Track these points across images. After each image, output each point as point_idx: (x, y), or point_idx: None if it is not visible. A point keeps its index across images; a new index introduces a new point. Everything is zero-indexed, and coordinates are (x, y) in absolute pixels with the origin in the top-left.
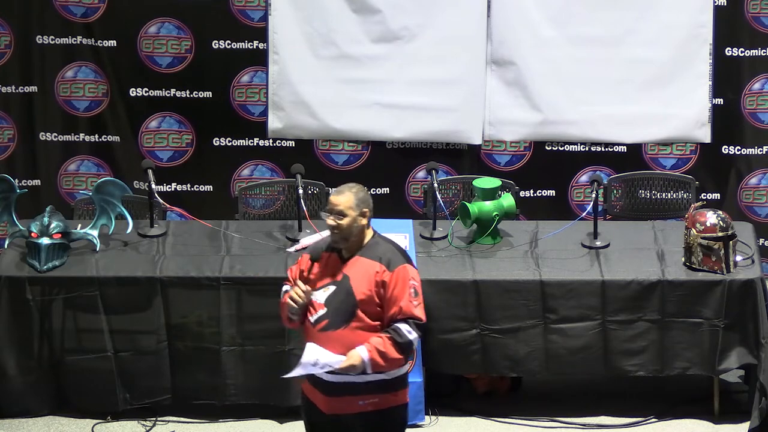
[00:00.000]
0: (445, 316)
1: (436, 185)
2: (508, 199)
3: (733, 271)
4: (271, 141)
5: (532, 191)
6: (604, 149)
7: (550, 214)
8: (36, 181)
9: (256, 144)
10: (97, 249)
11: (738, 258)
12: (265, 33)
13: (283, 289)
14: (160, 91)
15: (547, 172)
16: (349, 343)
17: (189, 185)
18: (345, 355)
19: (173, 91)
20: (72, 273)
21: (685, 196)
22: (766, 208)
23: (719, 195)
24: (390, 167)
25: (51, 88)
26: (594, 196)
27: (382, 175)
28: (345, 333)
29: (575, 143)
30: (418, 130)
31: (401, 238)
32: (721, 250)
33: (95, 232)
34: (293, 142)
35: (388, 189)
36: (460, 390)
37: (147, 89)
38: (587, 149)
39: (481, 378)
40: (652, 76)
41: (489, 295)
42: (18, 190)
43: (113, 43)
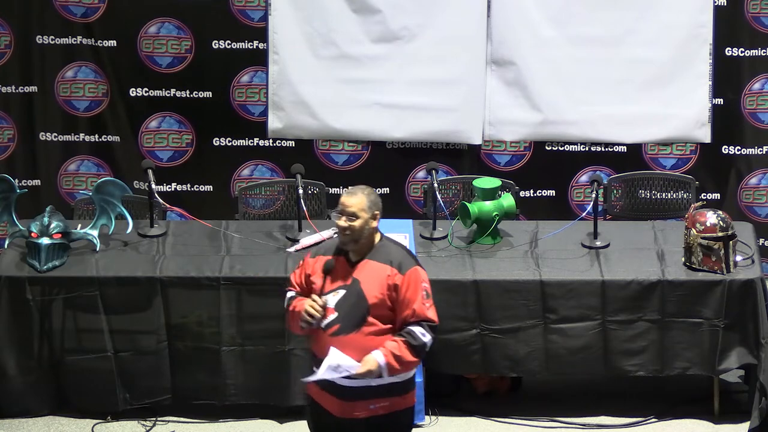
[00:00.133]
0: (445, 316)
1: (436, 185)
2: (508, 199)
3: (733, 271)
4: (271, 141)
5: (532, 191)
6: (604, 149)
7: (550, 214)
8: (36, 181)
9: (256, 144)
10: (97, 249)
11: (738, 258)
12: (265, 33)
13: (288, 295)
14: (160, 91)
15: (547, 172)
16: (361, 348)
17: (189, 185)
18: (357, 359)
19: (173, 91)
20: (72, 273)
21: (685, 196)
22: (766, 208)
23: (719, 195)
24: (390, 167)
25: (51, 88)
26: (594, 196)
27: (382, 175)
28: (357, 337)
29: (575, 143)
30: (418, 130)
31: (401, 238)
32: (721, 250)
33: (95, 232)
34: (293, 142)
35: (388, 189)
36: (460, 390)
37: (147, 89)
38: (587, 149)
39: (481, 378)
40: (652, 76)
41: (489, 295)
42: (18, 190)
43: (113, 43)
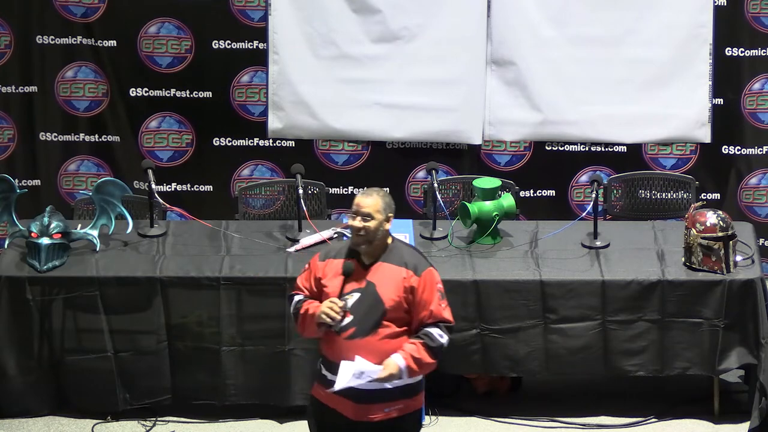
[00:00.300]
0: None
1: (436, 185)
2: (508, 199)
3: (733, 271)
4: (271, 141)
5: (532, 191)
6: (604, 149)
7: (550, 214)
8: (36, 181)
9: (256, 144)
10: (97, 249)
11: (738, 258)
12: (265, 33)
13: (296, 299)
14: (160, 91)
15: (547, 172)
16: (377, 351)
17: (189, 185)
18: (374, 362)
19: (173, 91)
20: (72, 273)
21: (685, 196)
22: (766, 208)
23: (719, 195)
24: (390, 167)
25: (51, 88)
26: (594, 196)
27: (382, 175)
28: (372, 341)
29: (575, 143)
30: (418, 130)
31: (401, 238)
32: (721, 250)
33: (95, 232)
34: (293, 142)
35: (388, 189)
36: (460, 390)
37: (147, 89)
38: (587, 149)
39: (481, 378)
40: (652, 76)
41: (489, 295)
42: (18, 190)
43: (113, 43)
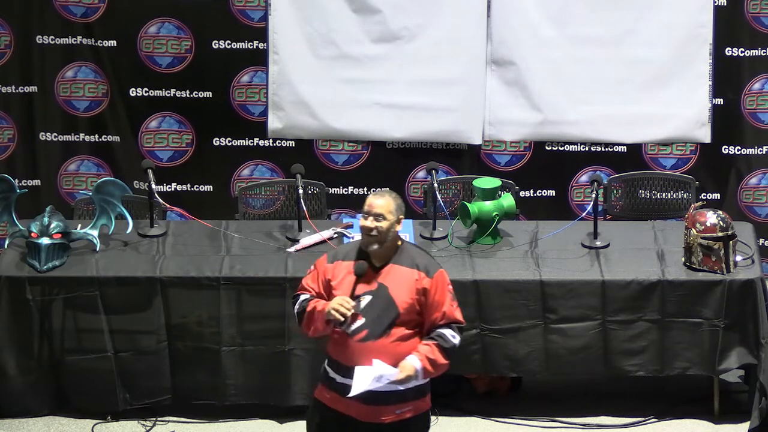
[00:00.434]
0: None
1: (436, 185)
2: (508, 199)
3: (733, 271)
4: (271, 141)
5: (532, 191)
6: (604, 149)
7: (550, 214)
8: (36, 181)
9: (256, 144)
10: (97, 249)
11: (738, 258)
12: (265, 33)
13: (302, 297)
14: (160, 91)
15: (547, 172)
16: (391, 353)
17: (189, 185)
18: (386, 365)
19: (173, 91)
20: (72, 273)
21: (685, 196)
22: (766, 208)
23: (719, 195)
24: (390, 167)
25: (51, 88)
26: (594, 196)
27: (382, 175)
28: (385, 343)
29: (575, 143)
30: (418, 130)
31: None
32: (721, 250)
33: (95, 232)
34: (293, 142)
35: (388, 189)
36: (460, 390)
37: (147, 89)
38: (587, 149)
39: (481, 378)
40: (652, 76)
41: (489, 295)
42: (18, 190)
43: (113, 43)
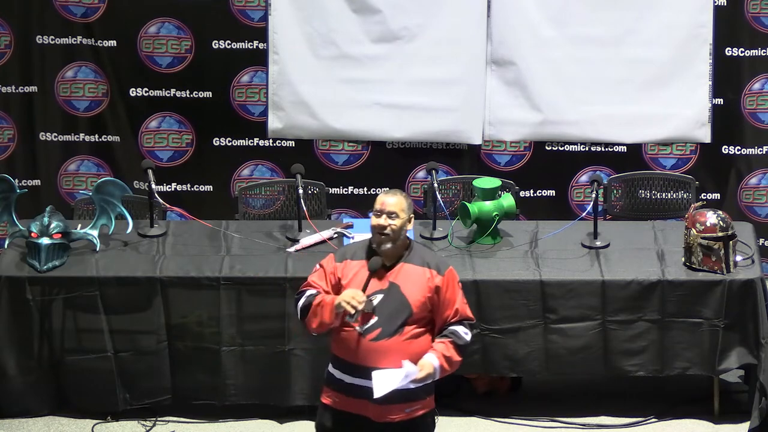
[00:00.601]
0: None
1: (436, 185)
2: (508, 199)
3: (733, 271)
4: (271, 141)
5: (532, 191)
6: (604, 149)
7: (550, 214)
8: (36, 181)
9: (256, 144)
10: (97, 249)
11: (738, 258)
12: (265, 33)
13: (309, 292)
14: (160, 91)
15: (547, 172)
16: (404, 352)
17: (189, 185)
18: (400, 364)
19: (173, 91)
20: (72, 273)
21: (685, 196)
22: (766, 208)
23: (719, 195)
24: (390, 167)
25: (51, 88)
26: (594, 196)
27: (382, 175)
28: (399, 341)
29: (575, 143)
30: (418, 130)
31: None
32: (721, 250)
33: (95, 232)
34: (293, 142)
35: (388, 189)
36: (460, 390)
37: (147, 89)
38: (587, 149)
39: (481, 378)
40: (652, 76)
41: (489, 295)
42: (18, 190)
43: (113, 43)
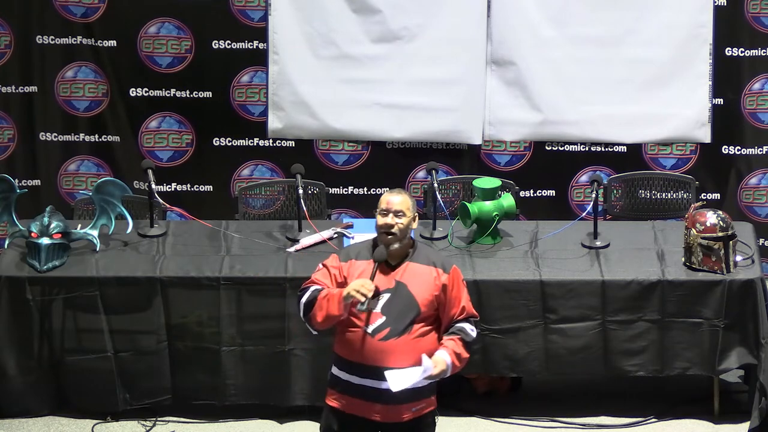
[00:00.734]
0: None
1: (436, 185)
2: (508, 199)
3: (733, 271)
4: (271, 141)
5: (532, 191)
6: (604, 149)
7: (550, 214)
8: (36, 181)
9: (256, 144)
10: (97, 249)
11: (738, 258)
12: (265, 33)
13: (314, 288)
14: (160, 91)
15: (547, 172)
16: (412, 350)
17: (189, 185)
18: (408, 363)
19: (173, 91)
20: (72, 273)
21: (685, 196)
22: (766, 208)
23: (719, 195)
24: (390, 167)
25: (51, 88)
26: (594, 196)
27: (382, 175)
28: (407, 340)
29: (575, 143)
30: (418, 130)
31: None
32: (721, 250)
33: (95, 232)
34: (293, 142)
35: (388, 189)
36: (460, 390)
37: (147, 89)
38: (587, 149)
39: (481, 378)
40: (652, 76)
41: (489, 295)
42: (18, 190)
43: (113, 43)
